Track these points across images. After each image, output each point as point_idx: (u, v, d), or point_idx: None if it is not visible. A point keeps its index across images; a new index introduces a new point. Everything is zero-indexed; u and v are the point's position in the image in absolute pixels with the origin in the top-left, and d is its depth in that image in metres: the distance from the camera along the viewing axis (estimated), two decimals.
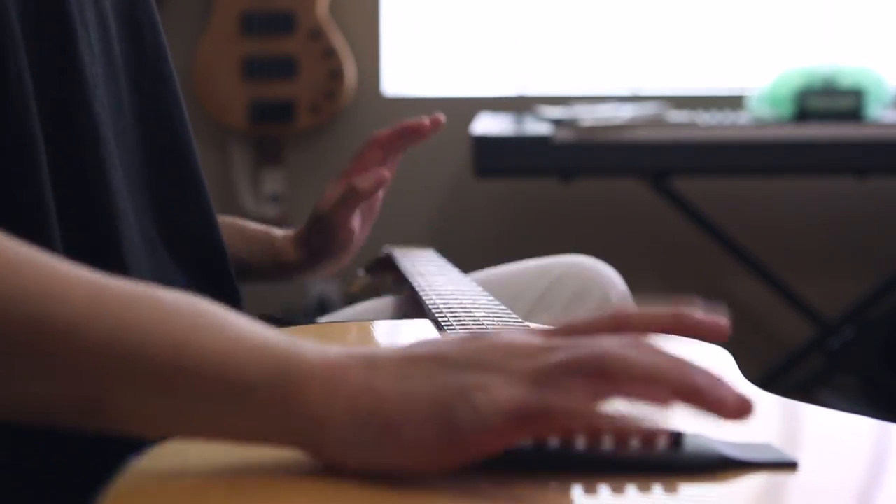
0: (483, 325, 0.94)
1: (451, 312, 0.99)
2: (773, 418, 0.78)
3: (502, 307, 1.05)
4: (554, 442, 0.60)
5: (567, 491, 0.57)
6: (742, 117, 2.44)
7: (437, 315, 0.97)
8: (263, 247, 1.20)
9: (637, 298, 1.30)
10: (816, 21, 2.83)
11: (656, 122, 2.33)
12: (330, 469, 0.55)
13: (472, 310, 1.01)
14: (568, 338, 0.58)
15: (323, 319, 1.24)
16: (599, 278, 1.27)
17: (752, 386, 0.83)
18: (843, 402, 2.63)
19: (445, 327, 0.93)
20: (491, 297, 1.09)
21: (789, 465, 0.63)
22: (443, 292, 1.04)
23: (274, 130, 2.79)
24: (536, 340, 0.57)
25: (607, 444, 0.60)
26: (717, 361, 0.91)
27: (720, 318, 0.61)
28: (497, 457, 0.56)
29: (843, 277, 2.80)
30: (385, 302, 1.22)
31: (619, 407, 0.57)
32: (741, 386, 0.83)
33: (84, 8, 0.82)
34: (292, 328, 0.91)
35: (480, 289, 1.09)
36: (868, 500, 0.62)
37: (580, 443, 0.60)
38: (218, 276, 0.99)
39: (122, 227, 0.83)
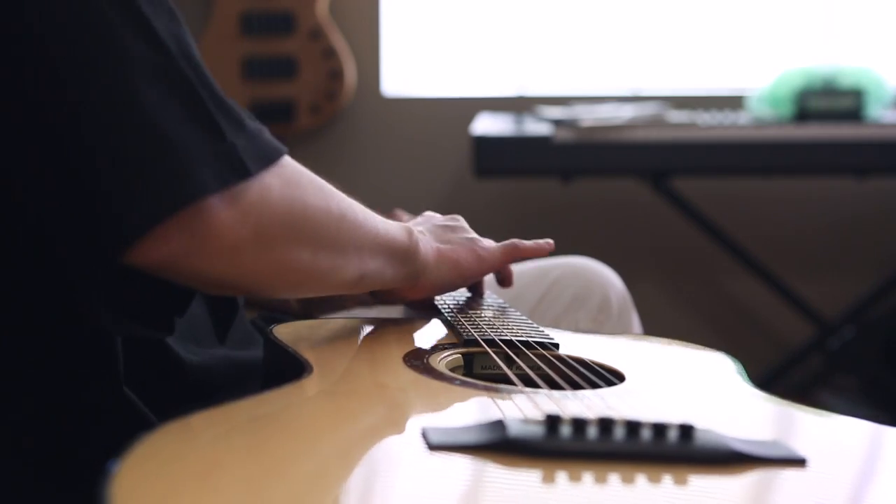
0: (492, 323, 0.94)
1: (458, 308, 0.99)
2: (776, 421, 0.79)
3: (506, 304, 1.06)
4: (566, 431, 0.60)
5: (579, 480, 0.58)
6: (742, 117, 2.44)
7: (444, 311, 0.98)
8: None
9: (637, 298, 1.30)
10: (816, 21, 2.84)
11: (656, 122, 2.33)
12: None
13: (480, 308, 1.02)
14: None
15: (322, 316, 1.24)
16: (599, 279, 1.27)
17: (754, 387, 0.83)
18: (843, 402, 2.63)
19: (454, 322, 0.94)
20: (495, 295, 1.10)
21: (797, 462, 0.63)
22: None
23: (274, 130, 2.77)
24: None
25: (619, 434, 0.61)
26: (722, 367, 0.91)
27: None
28: (510, 444, 0.59)
29: (843, 277, 2.80)
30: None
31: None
32: (746, 390, 0.83)
33: None
34: (291, 324, 0.91)
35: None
36: (870, 497, 0.62)
37: (592, 433, 0.60)
38: None
39: None
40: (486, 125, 2.40)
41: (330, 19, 2.76)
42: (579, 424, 0.61)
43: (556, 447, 0.60)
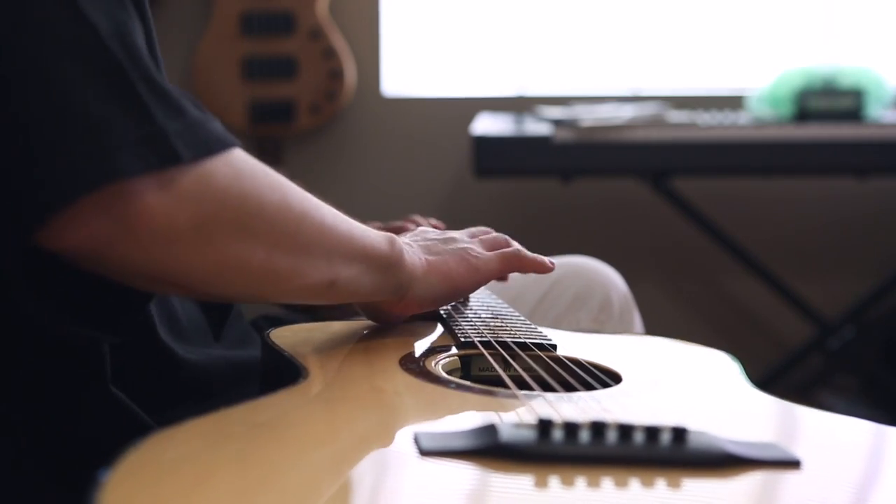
0: (490, 325, 0.94)
1: (456, 310, 0.99)
2: (774, 420, 0.79)
3: (505, 305, 1.06)
4: (558, 435, 0.60)
5: (571, 484, 0.58)
6: (742, 117, 2.44)
7: (442, 313, 0.98)
8: None
9: (636, 298, 1.30)
10: (816, 21, 2.83)
11: (656, 122, 2.33)
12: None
13: (478, 310, 1.01)
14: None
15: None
16: (600, 279, 1.27)
17: (753, 387, 0.83)
18: (843, 402, 2.63)
19: (451, 324, 0.94)
20: (494, 296, 1.09)
21: (792, 464, 0.63)
22: None
23: (274, 130, 2.79)
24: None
25: (612, 437, 0.60)
26: (720, 366, 0.91)
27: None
28: (502, 449, 0.59)
29: (843, 277, 2.80)
30: None
31: None
32: (744, 390, 0.83)
33: None
34: (289, 328, 0.91)
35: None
36: (866, 499, 0.62)
37: (584, 436, 0.60)
38: None
39: None
40: (486, 125, 2.40)
41: (330, 19, 2.76)
42: (571, 428, 0.61)
43: (548, 451, 0.60)
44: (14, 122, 0.65)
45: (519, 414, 0.68)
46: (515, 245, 1.00)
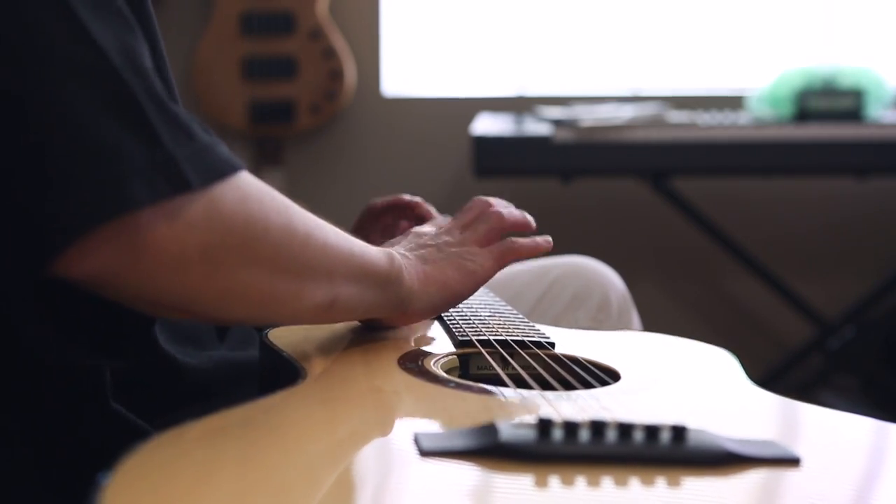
0: (488, 323, 0.94)
1: (457, 311, 0.99)
2: (774, 417, 0.79)
3: (504, 303, 1.06)
4: (558, 434, 0.60)
5: (571, 484, 0.58)
6: (742, 117, 2.44)
7: (444, 316, 0.98)
8: None
9: (637, 298, 1.30)
10: (816, 21, 2.83)
11: (656, 122, 2.33)
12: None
13: (476, 308, 1.01)
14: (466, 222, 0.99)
15: None
16: (599, 279, 1.27)
17: (754, 385, 0.83)
18: (843, 402, 2.63)
19: (449, 323, 0.93)
20: (492, 294, 1.09)
21: (792, 461, 0.63)
22: None
23: (274, 130, 2.79)
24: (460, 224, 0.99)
25: (611, 436, 0.60)
26: (720, 363, 0.91)
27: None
28: (502, 449, 0.59)
29: (843, 277, 2.80)
30: None
31: None
32: (743, 386, 0.83)
33: None
34: (287, 328, 0.91)
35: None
36: (866, 496, 0.62)
37: (584, 436, 0.60)
38: None
39: None
40: (486, 125, 2.40)
41: (330, 19, 2.76)
42: (571, 428, 0.61)
43: (548, 451, 0.59)
44: (23, 147, 0.64)
45: (518, 413, 0.68)
46: (502, 215, 1.01)
